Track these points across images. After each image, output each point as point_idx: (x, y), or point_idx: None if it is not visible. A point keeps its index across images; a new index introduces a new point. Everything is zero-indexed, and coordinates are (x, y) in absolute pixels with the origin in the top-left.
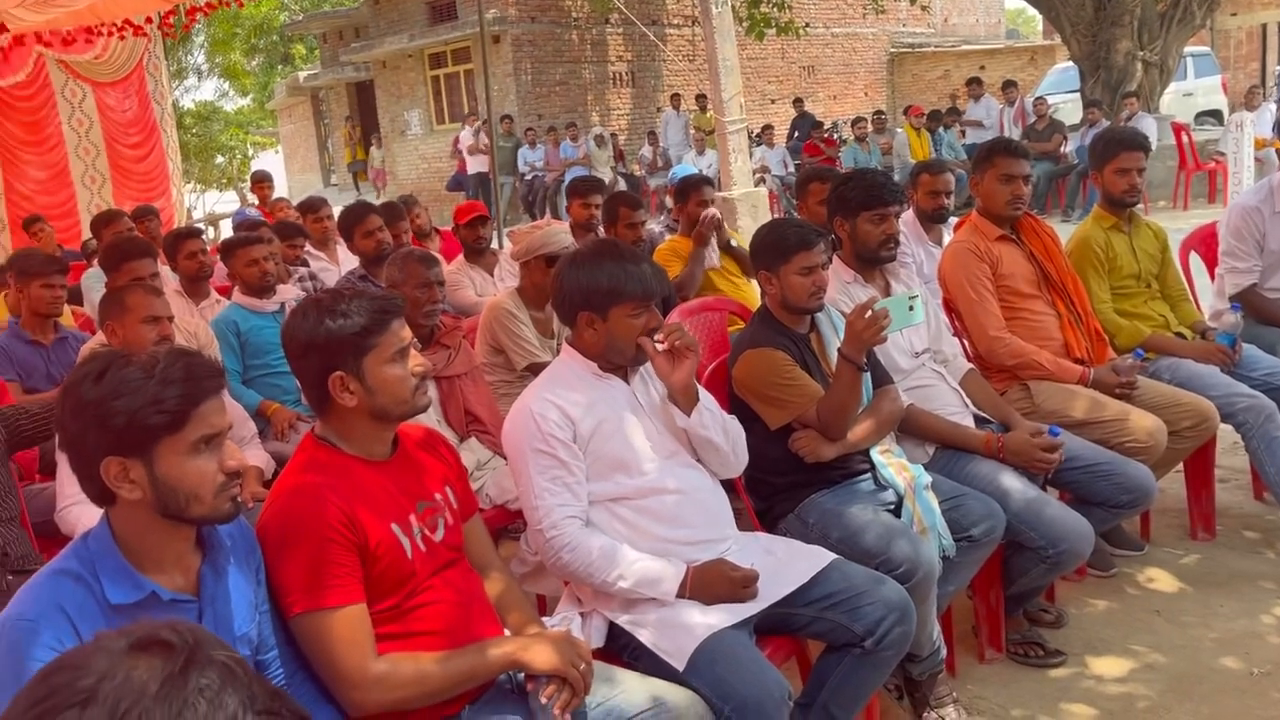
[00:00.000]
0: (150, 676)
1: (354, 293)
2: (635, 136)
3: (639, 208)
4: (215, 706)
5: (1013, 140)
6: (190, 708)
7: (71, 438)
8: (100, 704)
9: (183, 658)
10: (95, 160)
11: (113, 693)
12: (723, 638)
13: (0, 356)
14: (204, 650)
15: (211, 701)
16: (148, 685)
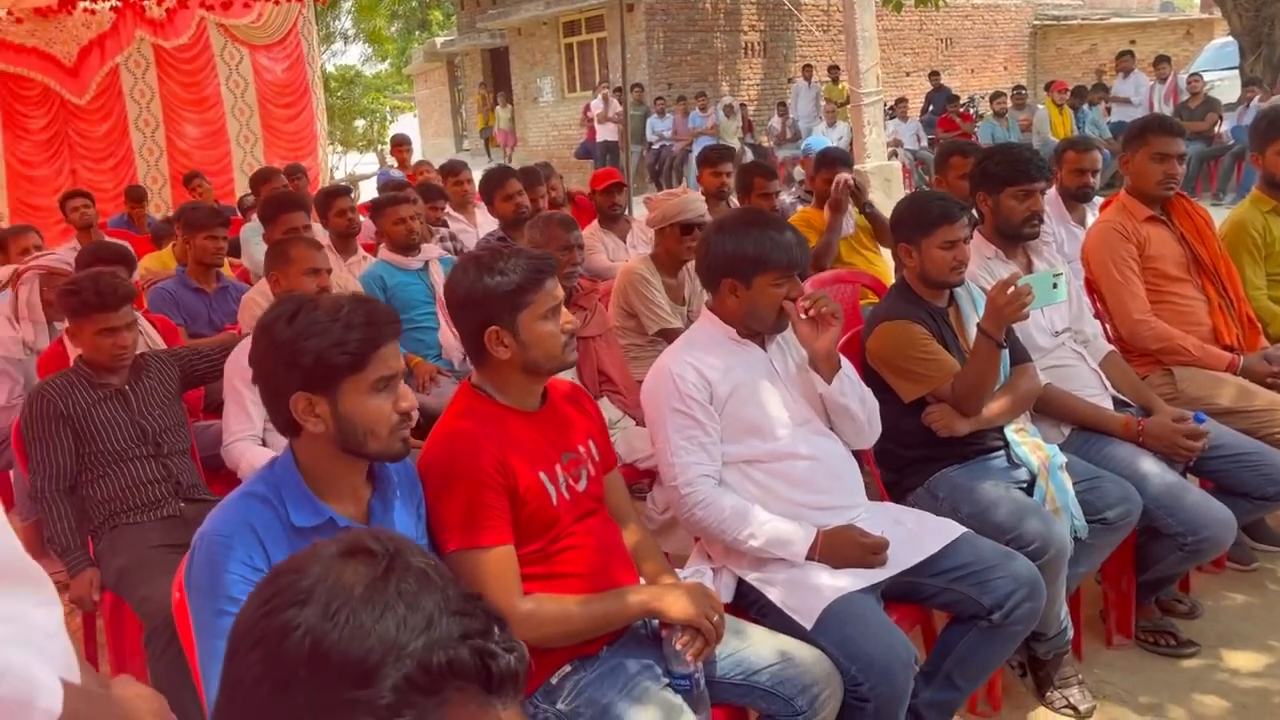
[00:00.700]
0: (356, 580)
1: (512, 251)
2: (764, 107)
3: (774, 178)
4: (413, 608)
5: (1168, 117)
6: (390, 609)
7: (264, 373)
8: (315, 603)
9: (384, 563)
10: (249, 120)
11: (325, 594)
12: (851, 600)
13: (168, 302)
14: (404, 557)
15: (410, 604)
16: (354, 588)
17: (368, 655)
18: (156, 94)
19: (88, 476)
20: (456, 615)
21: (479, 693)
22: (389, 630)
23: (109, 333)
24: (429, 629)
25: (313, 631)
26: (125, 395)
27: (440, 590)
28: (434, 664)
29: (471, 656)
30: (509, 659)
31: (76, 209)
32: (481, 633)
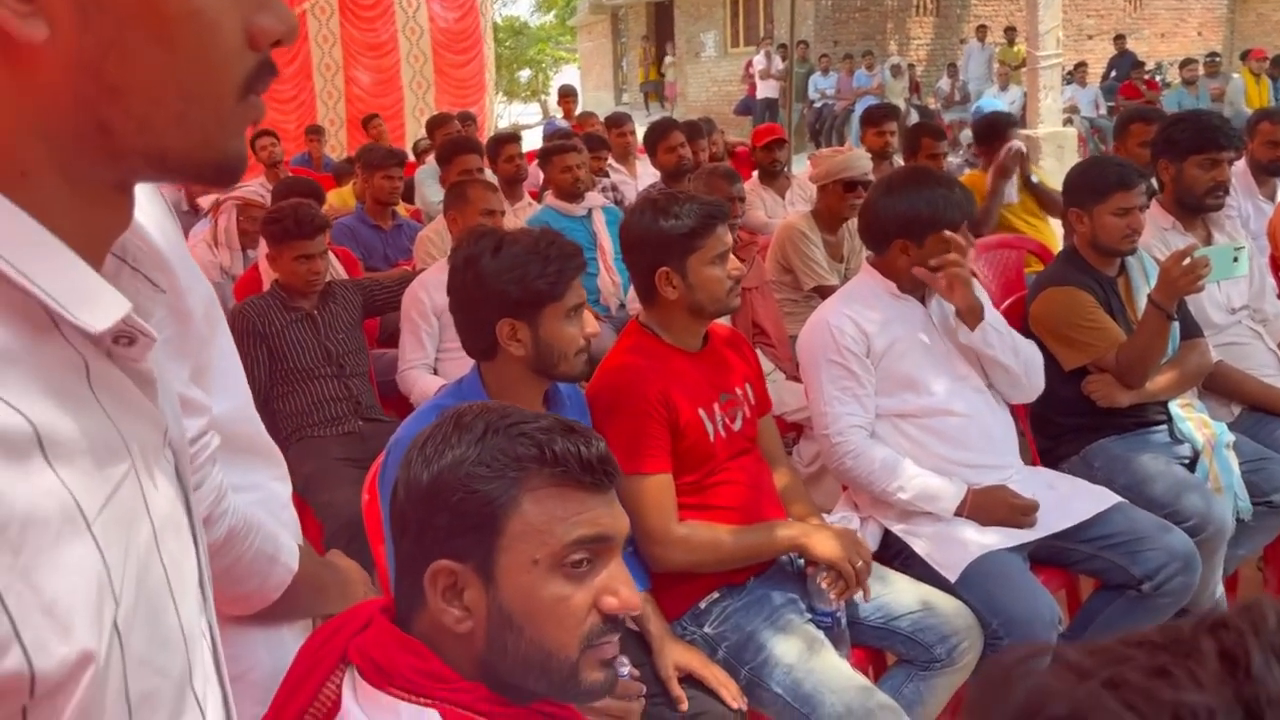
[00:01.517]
0: (430, 431)
1: (686, 196)
2: (933, 69)
3: (942, 139)
4: (468, 430)
5: None
6: (448, 440)
7: (468, 301)
8: (404, 464)
9: (453, 413)
10: (423, 67)
11: (408, 453)
12: (997, 557)
13: (348, 236)
14: (473, 406)
15: (466, 429)
16: (425, 438)
17: (438, 477)
18: (338, 40)
19: (278, 391)
20: (515, 424)
21: (549, 473)
22: (448, 455)
23: (305, 259)
24: (483, 440)
25: (402, 483)
26: (314, 319)
27: (498, 412)
28: (494, 459)
29: (527, 445)
30: (569, 444)
31: (265, 147)
32: (542, 429)
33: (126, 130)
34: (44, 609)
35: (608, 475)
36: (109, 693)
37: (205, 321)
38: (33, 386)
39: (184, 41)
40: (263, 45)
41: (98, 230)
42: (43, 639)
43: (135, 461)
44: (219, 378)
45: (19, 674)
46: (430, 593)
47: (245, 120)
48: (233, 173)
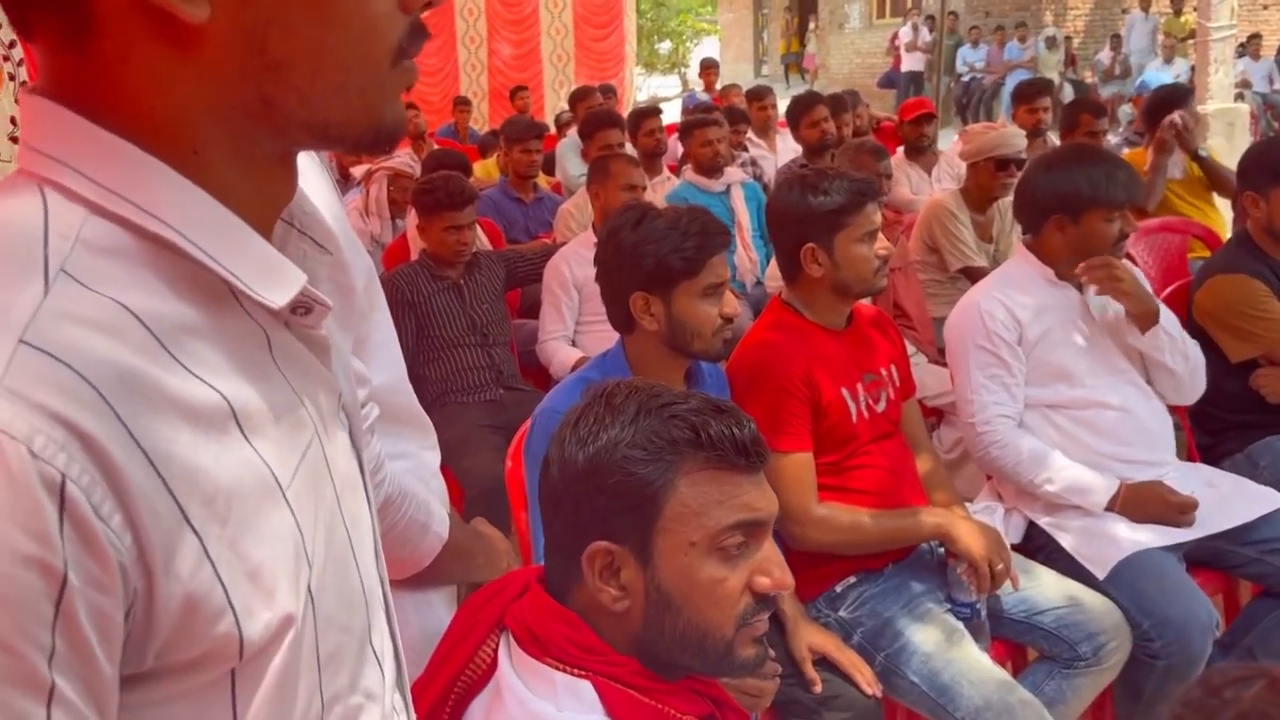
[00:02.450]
0: (579, 409)
1: (837, 173)
2: (1090, 40)
3: (1102, 115)
4: (619, 411)
5: None
6: (600, 421)
7: (608, 272)
8: (566, 439)
9: (604, 389)
10: (564, 40)
11: (560, 429)
12: (1151, 555)
13: (490, 208)
14: (624, 383)
15: (617, 409)
16: (575, 416)
17: (594, 458)
18: (483, 13)
19: (424, 358)
20: (666, 405)
21: (704, 456)
22: (603, 436)
23: (454, 230)
24: (636, 421)
25: (555, 461)
26: (460, 288)
27: (648, 392)
28: (649, 442)
29: (682, 428)
30: (723, 426)
31: (410, 119)
32: (694, 410)
33: (289, 103)
34: (250, 576)
35: (760, 457)
36: (304, 652)
37: (365, 295)
38: (222, 361)
39: (339, 12)
40: (414, 8)
41: (267, 201)
42: (250, 605)
43: (317, 427)
44: (378, 350)
45: (230, 638)
46: (588, 572)
47: (401, 85)
48: (391, 138)
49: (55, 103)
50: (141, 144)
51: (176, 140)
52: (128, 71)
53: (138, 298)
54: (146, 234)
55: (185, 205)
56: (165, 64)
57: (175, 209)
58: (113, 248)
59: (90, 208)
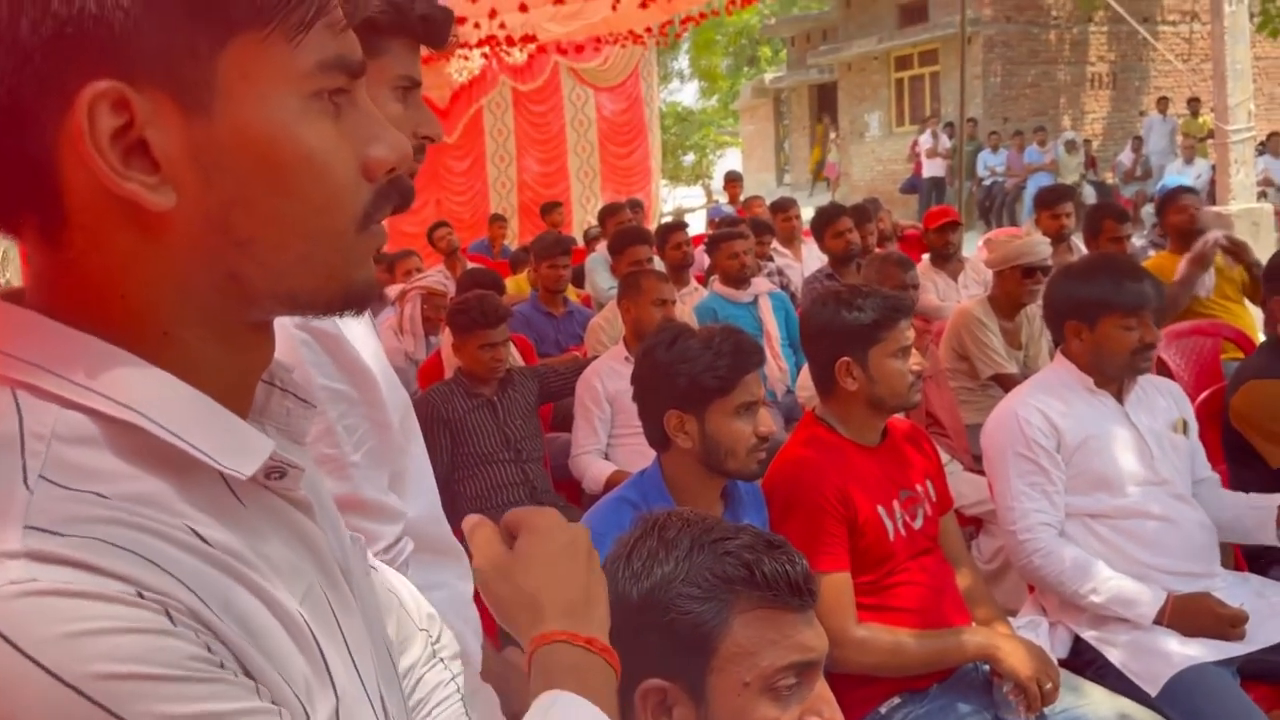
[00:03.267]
0: (628, 542)
1: (870, 290)
2: (1110, 142)
3: (1125, 220)
4: (672, 546)
5: None
6: (654, 556)
7: (644, 390)
8: (607, 572)
9: (652, 522)
10: (589, 157)
11: (610, 563)
12: (1203, 671)
13: (522, 323)
14: (672, 515)
15: (670, 544)
16: (626, 550)
17: (648, 595)
18: (512, 132)
19: (459, 475)
20: (719, 540)
21: (759, 596)
22: (656, 571)
23: (489, 347)
24: (690, 557)
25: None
26: (494, 405)
27: (700, 525)
28: (703, 580)
29: (735, 566)
30: (776, 565)
31: (442, 237)
32: (747, 547)
33: (257, 277)
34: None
35: (812, 595)
36: None
37: (402, 430)
38: (211, 520)
39: (301, 187)
40: (377, 176)
41: (243, 369)
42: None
43: (317, 581)
44: (413, 482)
45: None
46: (640, 709)
47: (369, 250)
48: (362, 300)
49: (26, 308)
50: (112, 332)
51: (147, 323)
52: (99, 260)
53: (116, 484)
54: (116, 420)
55: (150, 389)
56: (134, 251)
57: (140, 394)
58: (86, 437)
59: (61, 403)
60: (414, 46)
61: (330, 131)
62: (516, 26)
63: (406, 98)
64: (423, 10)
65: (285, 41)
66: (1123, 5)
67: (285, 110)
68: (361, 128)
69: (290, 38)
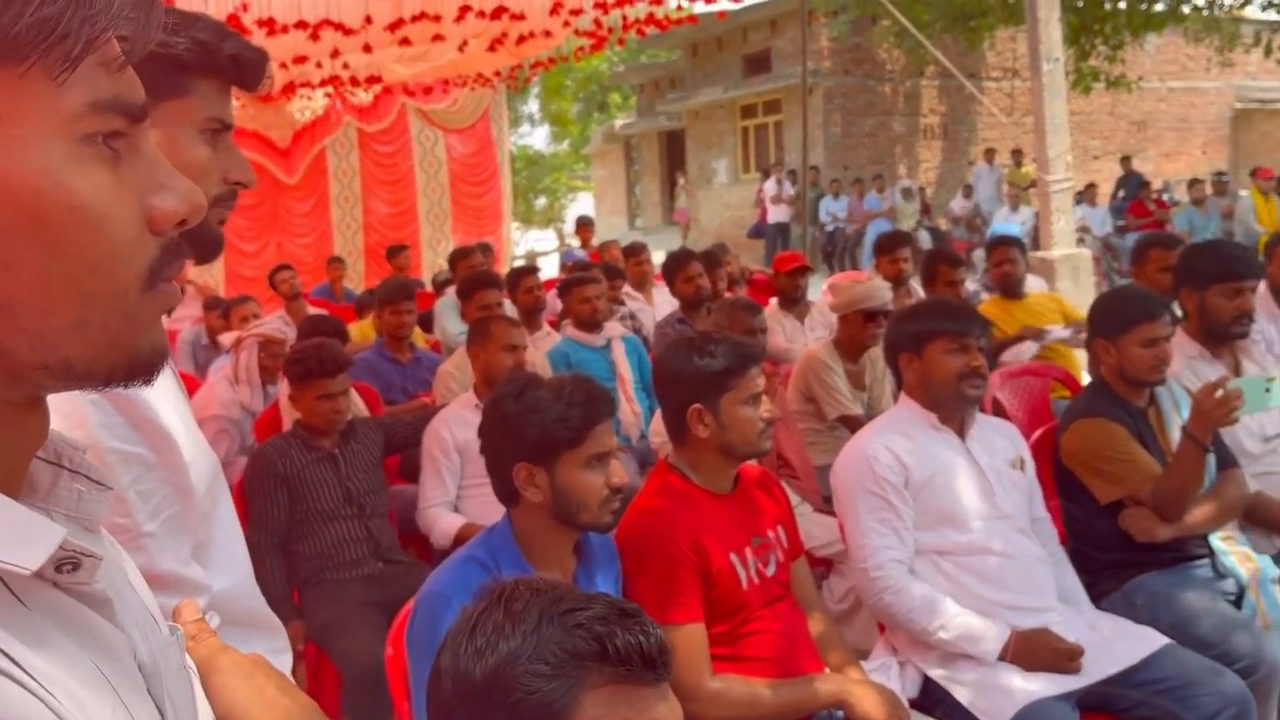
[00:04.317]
0: (473, 616)
1: (721, 337)
2: (944, 190)
3: (959, 265)
4: (519, 619)
5: None
6: (499, 630)
7: (492, 444)
8: (448, 649)
9: (498, 593)
10: (440, 199)
11: (451, 638)
12: (1044, 707)
13: (367, 371)
14: (519, 584)
15: (517, 617)
16: (469, 624)
17: (492, 674)
18: (357, 174)
19: (298, 533)
20: (569, 612)
21: (610, 671)
22: (502, 647)
23: (328, 398)
24: (538, 631)
25: (449, 673)
26: (335, 458)
27: (549, 596)
28: (551, 655)
29: (586, 640)
30: (629, 636)
31: (285, 280)
32: (598, 619)
33: (20, 346)
34: None
35: (666, 667)
36: None
37: (208, 496)
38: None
39: (72, 243)
40: (164, 229)
41: (10, 451)
42: None
43: (117, 690)
44: (220, 552)
45: None
46: None
47: (157, 311)
48: (150, 369)
49: None
50: None
51: None
52: None
53: None
54: None
55: None
56: None
57: None
58: None
59: None
60: (224, 87)
61: (107, 180)
62: (361, 67)
63: (216, 140)
64: (233, 50)
65: (47, 79)
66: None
67: (50, 156)
68: (145, 176)
69: (54, 75)
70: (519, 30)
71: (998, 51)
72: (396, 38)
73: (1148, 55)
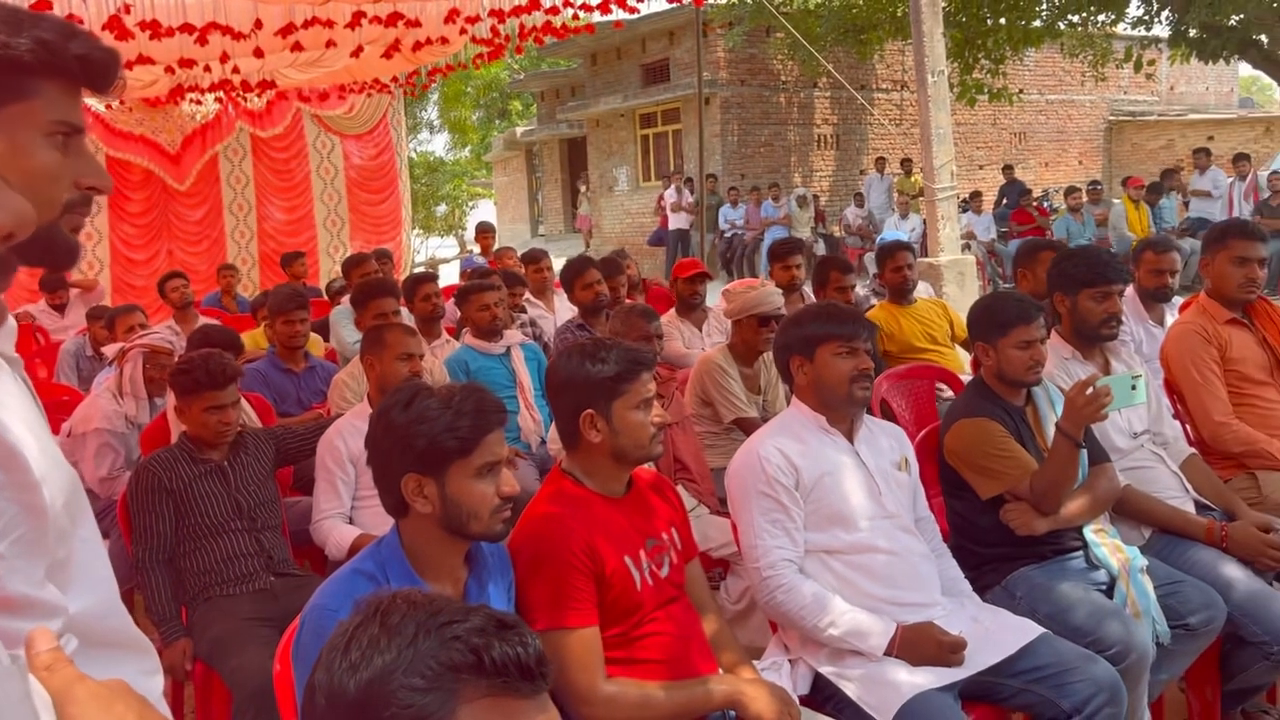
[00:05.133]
0: (348, 629)
1: (613, 343)
2: (837, 198)
3: (849, 271)
4: (396, 633)
5: (1249, 221)
6: (374, 644)
7: (379, 455)
8: (321, 664)
9: (374, 607)
10: (337, 206)
11: (326, 652)
12: (929, 698)
13: (259, 382)
14: (396, 597)
15: (393, 631)
16: (344, 638)
17: (366, 688)
18: (251, 180)
19: (185, 548)
20: (447, 624)
21: (487, 683)
22: (376, 661)
23: (216, 410)
24: (414, 644)
25: (322, 688)
26: (224, 471)
27: (427, 608)
28: (427, 669)
29: (462, 652)
30: (507, 648)
31: (176, 289)
32: (475, 631)
33: None
34: None
35: (544, 678)
36: None
37: (66, 513)
38: None
39: None
40: None
41: None
42: None
43: None
44: (81, 570)
45: None
46: None
47: None
48: None
49: None
50: None
51: None
52: None
53: None
54: None
55: None
56: None
57: None
58: None
59: None
60: (72, 89)
61: None
62: (252, 72)
63: (66, 145)
64: (80, 50)
65: None
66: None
67: None
68: None
69: None
70: (415, 37)
71: (887, 64)
72: (288, 43)
73: (1028, 69)
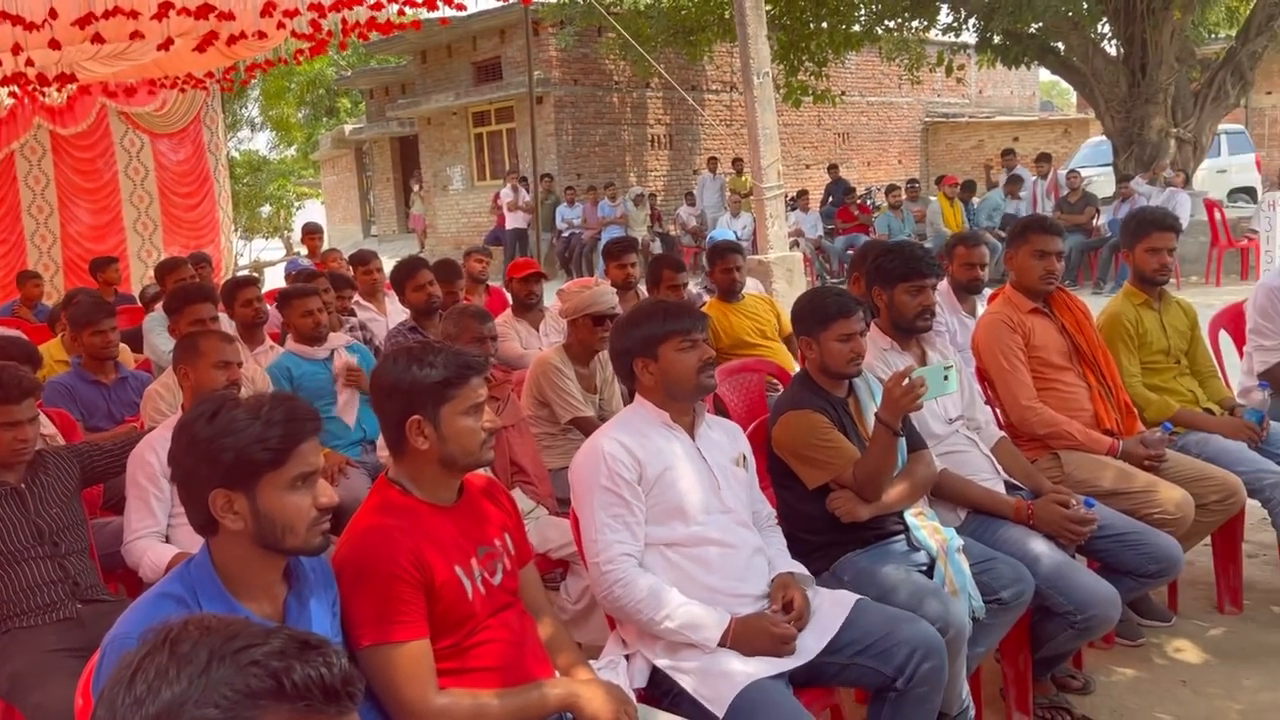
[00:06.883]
0: (134, 661)
1: (441, 346)
2: (672, 197)
3: (682, 270)
4: (186, 662)
5: (1048, 217)
6: (163, 674)
7: (183, 471)
8: (103, 701)
9: (163, 635)
10: (148, 208)
11: (110, 686)
12: (762, 687)
13: (64, 396)
14: (188, 624)
15: (184, 660)
16: (130, 669)
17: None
18: (52, 180)
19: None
20: (244, 649)
21: (289, 708)
22: (165, 693)
23: (10, 426)
24: (207, 672)
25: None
26: (21, 494)
27: (222, 634)
28: (221, 698)
29: (261, 677)
30: (309, 670)
31: None
32: (275, 654)
33: None
34: None
35: (352, 698)
36: None
37: None
38: None
39: None
40: None
41: None
42: None
43: None
44: None
45: None
46: None
47: None
48: None
49: None
50: None
51: None
52: None
53: None
54: None
55: None
56: None
57: None
58: None
59: None
60: None
61: None
62: (50, 65)
63: None
64: None
65: None
66: (673, 74)
67: None
68: None
69: None
70: (229, 30)
71: (717, 65)
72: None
73: (849, 72)
